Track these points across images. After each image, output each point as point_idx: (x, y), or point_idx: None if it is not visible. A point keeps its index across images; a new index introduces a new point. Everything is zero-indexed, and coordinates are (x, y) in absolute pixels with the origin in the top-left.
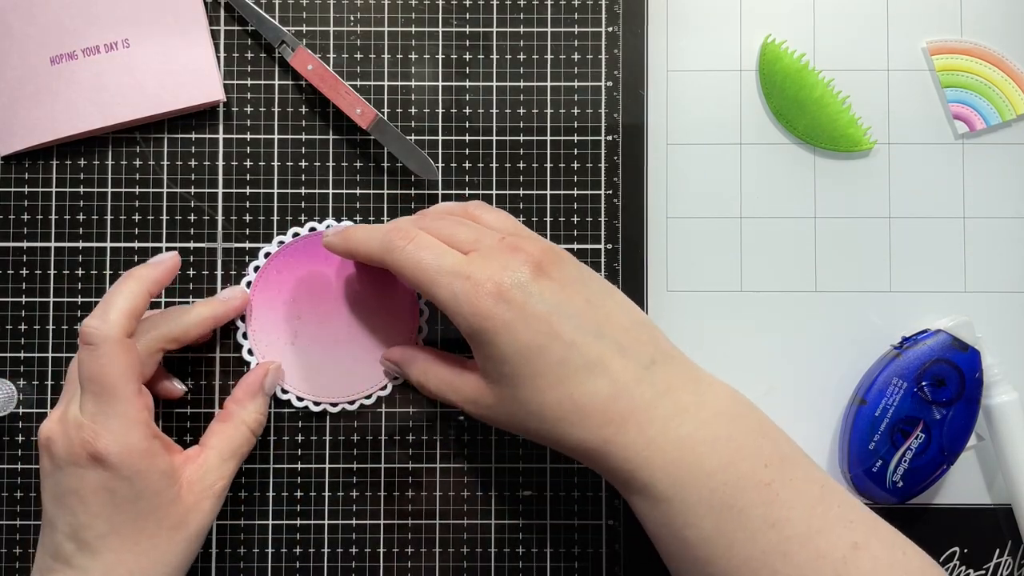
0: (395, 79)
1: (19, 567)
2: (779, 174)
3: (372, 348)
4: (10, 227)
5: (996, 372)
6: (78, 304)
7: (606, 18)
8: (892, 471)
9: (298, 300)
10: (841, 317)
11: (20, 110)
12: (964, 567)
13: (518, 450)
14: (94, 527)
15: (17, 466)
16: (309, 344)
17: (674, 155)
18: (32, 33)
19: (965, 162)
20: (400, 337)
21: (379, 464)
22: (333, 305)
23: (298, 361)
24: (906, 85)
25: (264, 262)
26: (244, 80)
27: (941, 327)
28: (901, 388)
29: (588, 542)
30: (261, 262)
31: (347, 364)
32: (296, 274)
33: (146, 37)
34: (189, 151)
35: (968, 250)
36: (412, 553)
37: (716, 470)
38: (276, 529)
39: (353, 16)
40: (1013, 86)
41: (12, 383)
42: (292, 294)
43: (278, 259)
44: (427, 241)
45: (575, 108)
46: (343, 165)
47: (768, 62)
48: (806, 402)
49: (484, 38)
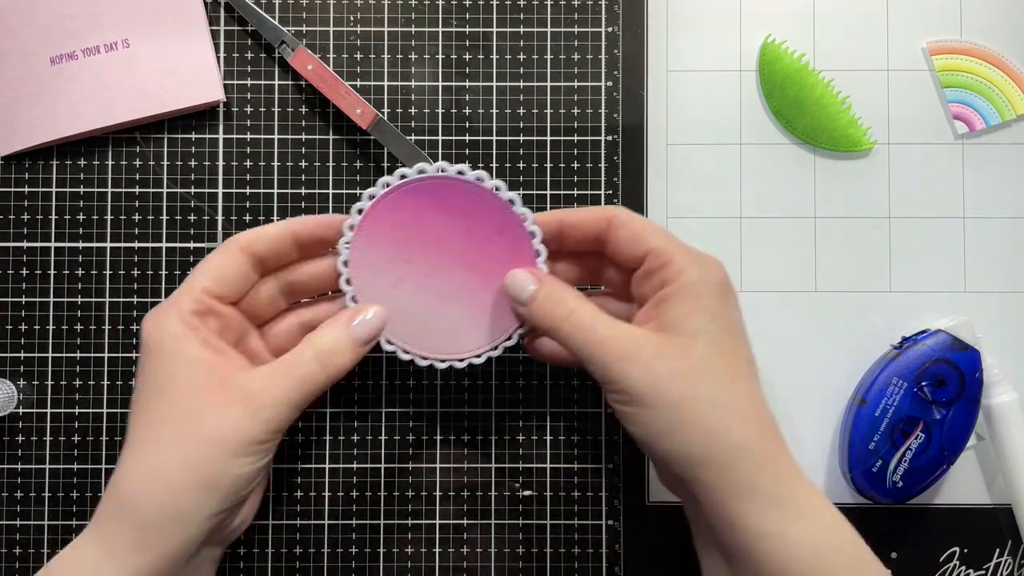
0: (395, 79)
1: (19, 567)
2: (779, 174)
3: (475, 314)
4: (10, 227)
5: (996, 372)
6: (78, 304)
7: (606, 18)
8: (892, 471)
9: (409, 243)
10: (841, 317)
11: (20, 110)
12: (964, 567)
13: (518, 450)
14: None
15: (17, 466)
16: (411, 293)
17: (674, 155)
18: (32, 33)
19: (965, 162)
20: (510, 310)
21: (379, 464)
22: (447, 258)
23: (394, 308)
24: (906, 85)
25: (381, 192)
26: (244, 80)
27: (941, 327)
28: (901, 388)
29: (588, 542)
30: (378, 191)
31: (447, 322)
32: (414, 215)
33: (146, 37)
34: (189, 151)
35: (968, 250)
36: (412, 553)
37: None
38: (276, 529)
39: (353, 16)
40: (1013, 86)
41: (12, 383)
42: (405, 236)
43: (397, 194)
44: None
45: (575, 108)
46: (343, 165)
47: (768, 62)
48: (806, 402)
49: (484, 38)
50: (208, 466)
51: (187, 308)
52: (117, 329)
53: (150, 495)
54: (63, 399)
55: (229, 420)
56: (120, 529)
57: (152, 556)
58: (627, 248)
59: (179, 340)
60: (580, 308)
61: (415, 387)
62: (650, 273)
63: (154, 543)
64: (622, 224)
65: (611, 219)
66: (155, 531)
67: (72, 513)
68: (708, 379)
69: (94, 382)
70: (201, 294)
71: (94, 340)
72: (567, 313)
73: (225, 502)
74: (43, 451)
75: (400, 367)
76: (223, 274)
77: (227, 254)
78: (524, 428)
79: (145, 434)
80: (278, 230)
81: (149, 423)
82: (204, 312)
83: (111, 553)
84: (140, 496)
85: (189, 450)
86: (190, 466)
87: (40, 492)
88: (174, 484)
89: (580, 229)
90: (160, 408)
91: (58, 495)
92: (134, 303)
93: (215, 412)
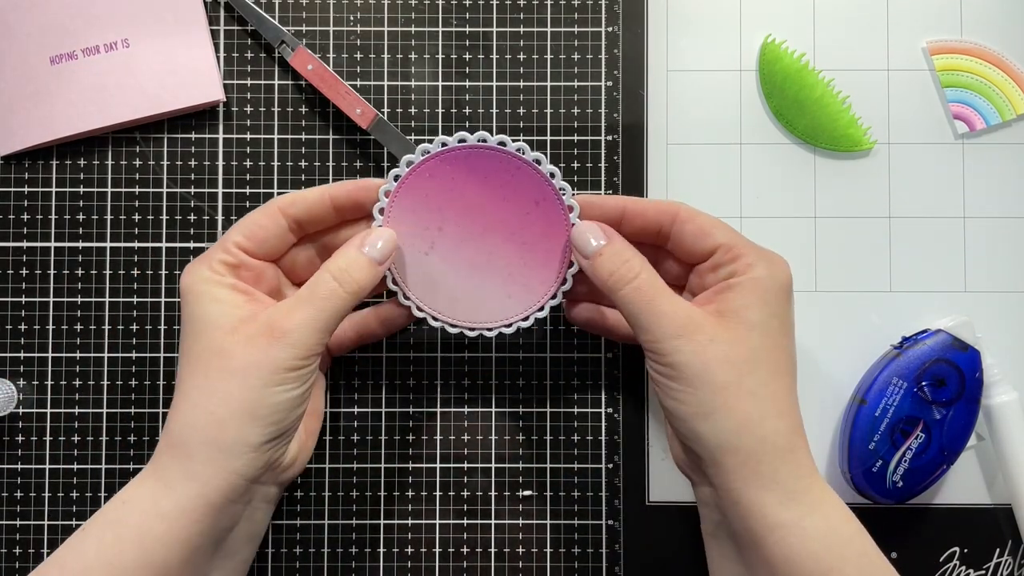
0: (395, 79)
1: (19, 567)
2: (779, 174)
3: (507, 283)
4: (10, 227)
5: (996, 372)
6: (78, 304)
7: (606, 18)
8: (892, 471)
9: (444, 210)
10: (841, 317)
11: (20, 110)
12: (964, 567)
13: (518, 450)
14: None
15: (17, 466)
16: (444, 260)
17: (674, 155)
18: (32, 33)
19: (965, 162)
20: (542, 282)
21: (379, 464)
22: (481, 227)
23: (426, 273)
24: (906, 85)
25: (419, 159)
26: (244, 80)
27: (941, 327)
28: (901, 388)
29: (588, 542)
30: (417, 158)
31: (479, 291)
32: (450, 184)
33: (146, 37)
34: (189, 151)
35: (968, 250)
36: (412, 553)
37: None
38: (276, 529)
39: (353, 16)
40: (1013, 86)
41: (12, 383)
42: (440, 203)
43: (434, 162)
44: None
45: (575, 108)
46: (343, 165)
47: (768, 62)
48: (806, 402)
49: (484, 38)
50: (244, 397)
51: (218, 259)
52: (117, 329)
53: (195, 430)
54: (63, 399)
55: (257, 350)
56: (172, 462)
57: (202, 486)
58: (693, 242)
59: (209, 284)
60: (645, 273)
61: (415, 387)
62: (717, 266)
63: (202, 474)
64: (688, 219)
65: (676, 214)
66: (202, 462)
67: (72, 513)
68: (755, 371)
69: (94, 382)
70: (233, 247)
71: (94, 340)
72: (632, 276)
73: (266, 432)
74: (43, 451)
75: (400, 367)
76: (257, 231)
77: (264, 213)
78: (524, 428)
79: (187, 374)
80: (317, 194)
81: (189, 363)
82: (236, 265)
83: (166, 485)
84: (186, 431)
85: (225, 383)
86: (227, 399)
87: (40, 492)
88: (215, 417)
89: (642, 219)
90: (197, 347)
91: (58, 495)
92: (134, 303)
93: (243, 345)
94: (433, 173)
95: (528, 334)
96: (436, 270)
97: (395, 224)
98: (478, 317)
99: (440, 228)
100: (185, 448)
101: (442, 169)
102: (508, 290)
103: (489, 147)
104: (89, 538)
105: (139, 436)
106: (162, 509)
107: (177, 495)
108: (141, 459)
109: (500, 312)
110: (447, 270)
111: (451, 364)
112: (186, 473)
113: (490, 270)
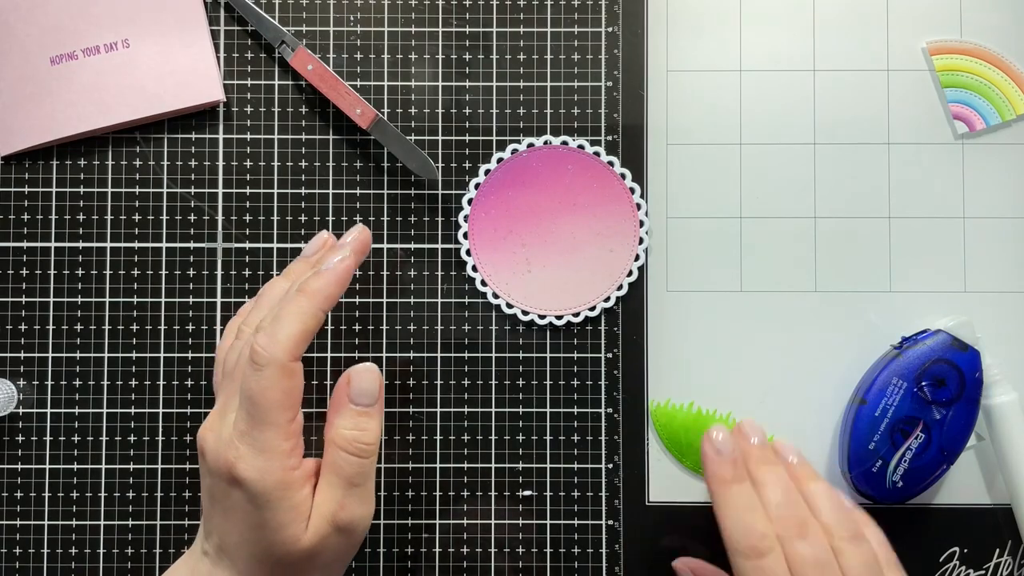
0: (395, 79)
1: (19, 567)
2: (779, 174)
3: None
4: (10, 227)
5: (996, 372)
6: (78, 304)
7: (606, 18)
8: (892, 471)
9: (515, 227)
10: (841, 317)
11: (20, 110)
12: (964, 567)
13: (518, 450)
14: (231, 535)
15: (17, 466)
16: (543, 267)
17: (674, 155)
18: (32, 33)
19: (965, 162)
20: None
21: (379, 464)
22: (549, 221)
23: (540, 286)
24: (906, 85)
25: (474, 194)
26: (244, 80)
27: (941, 327)
28: (901, 388)
29: (588, 542)
30: (472, 194)
31: (580, 272)
32: (504, 205)
33: (146, 37)
34: (189, 151)
35: (968, 250)
36: (412, 553)
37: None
38: None
39: (353, 16)
40: (1013, 86)
41: (12, 383)
42: (509, 225)
43: (484, 197)
44: (748, 502)
45: (575, 108)
46: (343, 165)
47: (663, 425)
48: (806, 402)
49: (484, 38)
50: None
51: (286, 447)
52: (117, 329)
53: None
54: (63, 399)
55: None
56: None
57: None
58: None
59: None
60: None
61: (415, 387)
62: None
63: None
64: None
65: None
66: None
67: (72, 513)
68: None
69: (94, 382)
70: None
71: (94, 340)
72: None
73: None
74: (43, 451)
75: (400, 366)
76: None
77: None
78: (524, 428)
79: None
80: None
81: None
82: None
83: None
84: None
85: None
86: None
87: (40, 492)
88: None
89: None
90: (258, 550)
91: (58, 495)
92: (134, 303)
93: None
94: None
95: (528, 334)
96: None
97: (490, 269)
98: (588, 295)
99: (524, 244)
100: None
101: (490, 200)
102: (598, 254)
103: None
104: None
105: (139, 436)
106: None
107: None
108: (141, 459)
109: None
110: (552, 272)
111: (451, 364)
112: None
113: (579, 249)
